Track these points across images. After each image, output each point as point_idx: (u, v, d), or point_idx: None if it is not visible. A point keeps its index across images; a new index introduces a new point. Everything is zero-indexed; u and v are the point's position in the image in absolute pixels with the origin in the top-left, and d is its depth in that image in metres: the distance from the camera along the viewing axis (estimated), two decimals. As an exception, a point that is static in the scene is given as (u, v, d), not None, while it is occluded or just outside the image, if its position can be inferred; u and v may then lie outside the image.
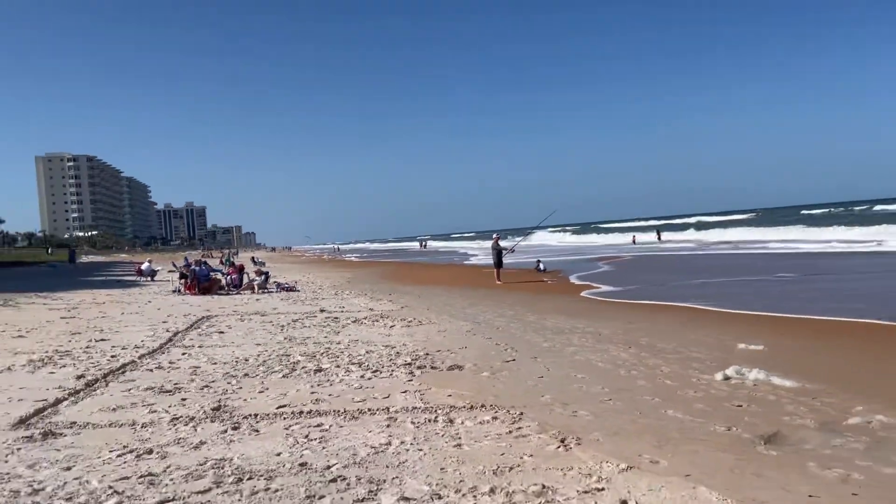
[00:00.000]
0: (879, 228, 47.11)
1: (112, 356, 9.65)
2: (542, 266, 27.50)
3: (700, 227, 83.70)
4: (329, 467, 4.72)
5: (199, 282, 22.73)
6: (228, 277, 24.55)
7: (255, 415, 6.21)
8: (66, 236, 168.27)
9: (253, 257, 55.14)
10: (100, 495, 4.22)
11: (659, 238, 67.09)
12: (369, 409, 6.38)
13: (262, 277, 24.41)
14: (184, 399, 6.98)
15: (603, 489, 4.19)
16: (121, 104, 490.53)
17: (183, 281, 23.63)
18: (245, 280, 24.28)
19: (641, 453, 4.94)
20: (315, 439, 5.40)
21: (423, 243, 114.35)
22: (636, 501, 3.98)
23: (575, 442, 5.20)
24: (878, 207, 72.98)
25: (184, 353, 9.99)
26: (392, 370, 8.31)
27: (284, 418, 6.12)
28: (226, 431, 5.70)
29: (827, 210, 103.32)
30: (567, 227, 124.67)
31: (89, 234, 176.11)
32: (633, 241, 63.81)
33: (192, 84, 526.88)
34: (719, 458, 4.81)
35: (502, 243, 26.03)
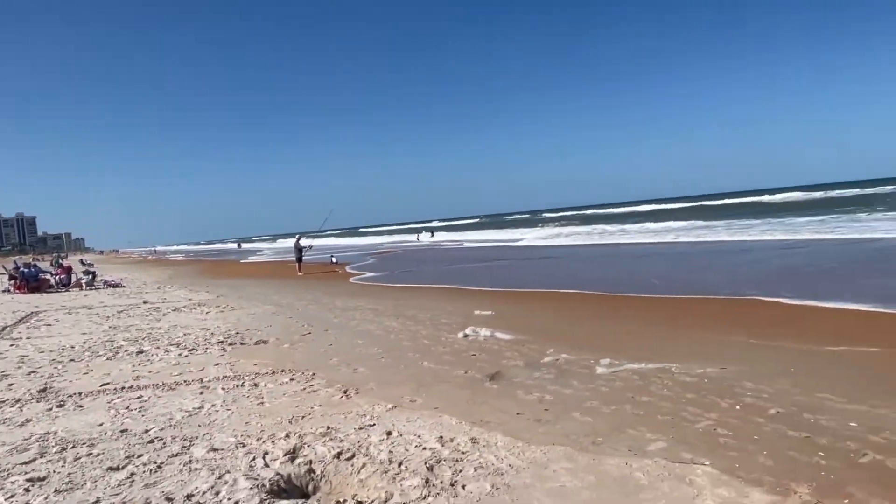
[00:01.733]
0: (517, 231, 55.59)
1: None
2: (334, 259, 29.76)
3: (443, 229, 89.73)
4: (147, 431, 5.03)
5: (28, 282, 21.92)
6: (57, 277, 24.16)
7: (80, 393, 6.21)
8: None
9: (81, 259, 50.79)
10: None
11: (432, 235, 71.46)
12: (185, 381, 6.66)
13: (90, 276, 24.19)
14: (10, 384, 6.76)
15: (374, 424, 5.03)
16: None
17: (12, 282, 22.47)
18: (73, 279, 23.82)
19: (404, 395, 5.94)
20: (135, 409, 5.61)
21: (239, 244, 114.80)
22: (398, 430, 4.90)
23: (354, 392, 6.07)
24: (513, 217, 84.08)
25: (11, 345, 9.52)
26: (206, 348, 8.61)
27: (107, 394, 6.19)
28: (51, 409, 5.67)
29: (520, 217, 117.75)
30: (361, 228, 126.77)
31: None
32: (418, 239, 67.16)
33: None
34: (459, 394, 5.95)
35: (302, 242, 27.35)
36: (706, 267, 17.51)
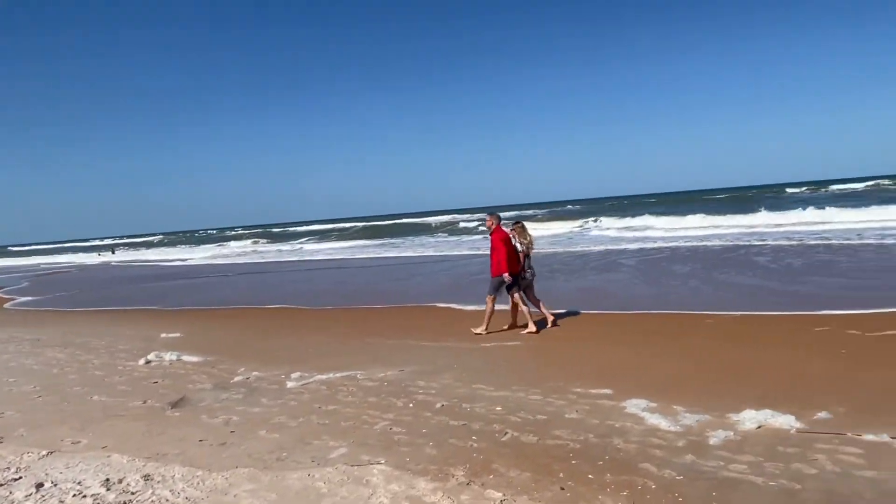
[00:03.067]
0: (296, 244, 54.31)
1: None
2: None
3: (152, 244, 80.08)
4: None
5: None
6: None
7: None
8: None
9: None
10: None
11: (112, 253, 62.34)
12: None
13: None
14: None
15: (20, 478, 4.07)
16: None
17: None
18: None
19: (64, 438, 4.94)
20: None
21: None
22: (52, 480, 4.03)
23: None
24: (298, 228, 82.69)
25: None
26: None
27: None
28: None
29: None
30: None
31: None
32: (98, 256, 57.75)
33: None
34: (134, 427, 5.18)
35: None
36: (390, 280, 18.57)
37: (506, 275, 8.06)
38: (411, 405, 5.35)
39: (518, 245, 8.38)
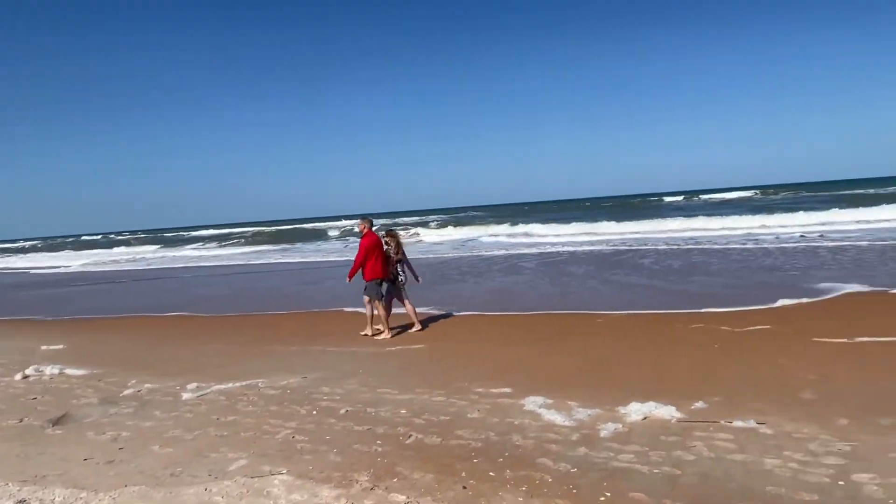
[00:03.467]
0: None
1: None
2: None
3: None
4: None
5: None
6: None
7: None
8: None
9: None
10: None
11: None
12: None
13: None
14: None
15: None
16: None
17: None
18: None
19: (-79, 465, 4.41)
20: None
21: None
22: None
23: None
24: (193, 233, 78.14)
25: None
26: None
27: None
28: None
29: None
30: None
31: None
32: None
33: None
34: (7, 448, 4.67)
35: None
36: (294, 284, 18.03)
37: (378, 279, 8.25)
38: (315, 412, 5.20)
39: (390, 251, 8.62)
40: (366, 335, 8.45)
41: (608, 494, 3.41)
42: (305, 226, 68.80)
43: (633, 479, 3.59)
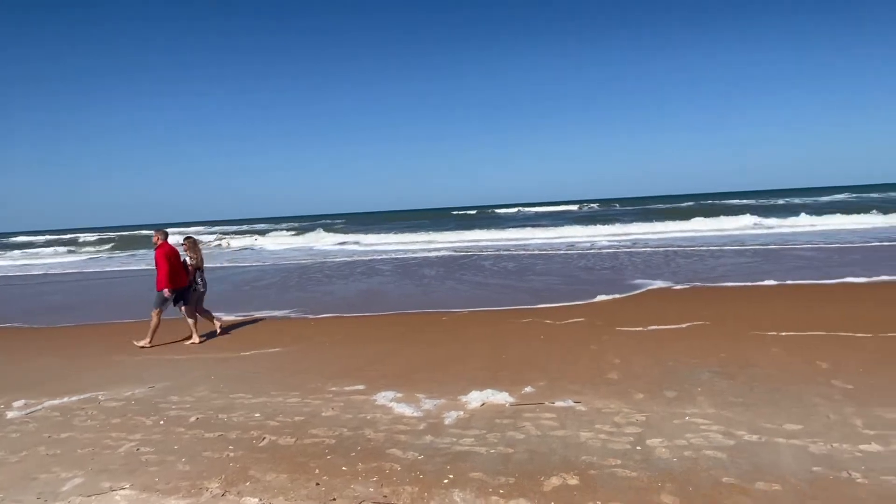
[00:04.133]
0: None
1: None
2: None
3: None
4: None
5: None
6: None
7: None
8: None
9: None
10: None
11: None
12: None
13: None
14: None
15: None
16: None
17: None
18: None
19: None
20: None
21: None
22: None
23: None
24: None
25: None
26: None
27: None
28: None
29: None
30: None
31: None
32: None
33: None
34: None
35: None
36: (142, 291, 16.46)
37: (166, 290, 7.95)
38: (162, 422, 4.85)
39: (188, 259, 8.41)
40: (193, 343, 8.11)
41: (451, 476, 3.61)
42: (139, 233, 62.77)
43: (473, 460, 3.83)
